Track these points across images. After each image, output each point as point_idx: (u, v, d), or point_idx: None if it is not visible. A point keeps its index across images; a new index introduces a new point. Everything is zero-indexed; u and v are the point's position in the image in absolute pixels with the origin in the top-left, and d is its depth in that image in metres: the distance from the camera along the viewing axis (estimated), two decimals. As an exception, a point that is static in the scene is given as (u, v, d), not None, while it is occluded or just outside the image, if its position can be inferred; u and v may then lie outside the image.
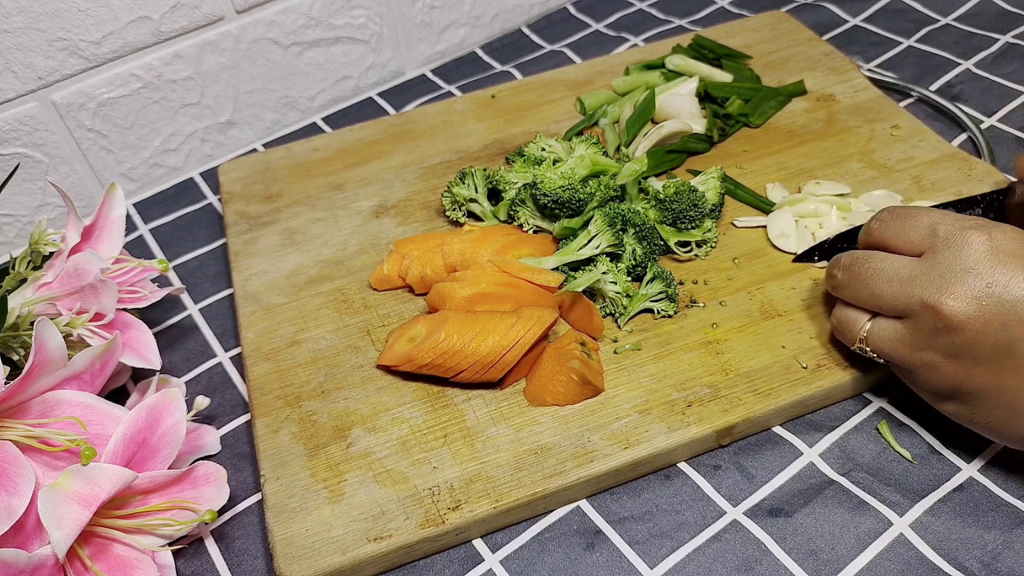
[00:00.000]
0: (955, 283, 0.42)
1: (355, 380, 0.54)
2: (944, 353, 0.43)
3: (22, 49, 0.63)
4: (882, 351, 0.46)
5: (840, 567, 0.45)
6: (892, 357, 0.46)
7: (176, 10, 0.68)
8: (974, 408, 0.44)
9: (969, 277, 0.41)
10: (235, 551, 0.49)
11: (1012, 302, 0.40)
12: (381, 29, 0.80)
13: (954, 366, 0.43)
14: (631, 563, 0.46)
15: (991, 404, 0.43)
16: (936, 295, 0.42)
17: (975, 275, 0.41)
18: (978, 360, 0.42)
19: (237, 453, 0.54)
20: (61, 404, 0.45)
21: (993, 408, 0.43)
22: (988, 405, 0.43)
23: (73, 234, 0.53)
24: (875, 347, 0.46)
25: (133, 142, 0.72)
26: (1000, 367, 0.41)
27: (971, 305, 0.41)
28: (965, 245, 0.42)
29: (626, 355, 0.53)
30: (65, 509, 0.41)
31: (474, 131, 0.72)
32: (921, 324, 0.43)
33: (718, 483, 0.49)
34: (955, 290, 0.42)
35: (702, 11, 0.89)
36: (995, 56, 0.76)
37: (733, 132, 0.69)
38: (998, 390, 0.42)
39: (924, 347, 0.44)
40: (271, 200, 0.67)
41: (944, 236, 0.43)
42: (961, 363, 0.43)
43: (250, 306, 0.59)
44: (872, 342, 0.46)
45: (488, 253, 0.57)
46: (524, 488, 0.47)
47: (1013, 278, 0.41)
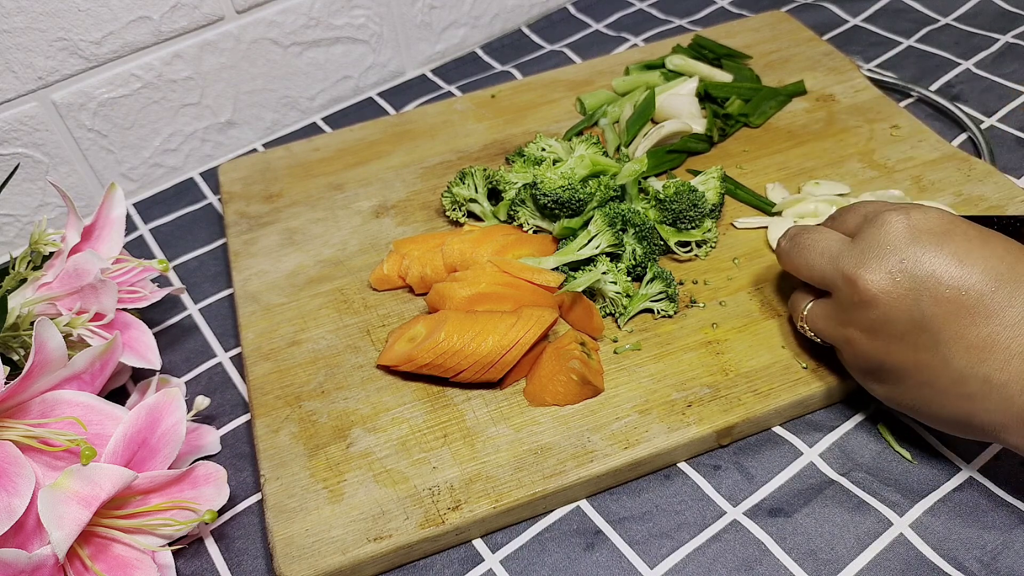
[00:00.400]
0: (872, 258, 0.43)
1: (355, 380, 0.54)
2: (864, 329, 0.44)
3: (22, 49, 0.63)
4: (816, 328, 0.48)
5: (840, 567, 0.45)
6: (823, 334, 0.48)
7: (176, 10, 0.68)
8: (899, 388, 0.45)
9: (884, 252, 0.43)
10: (235, 551, 0.49)
11: (922, 277, 0.42)
12: (381, 29, 0.80)
13: (874, 343, 0.44)
14: (631, 563, 0.46)
15: (912, 382, 0.44)
16: (854, 268, 0.44)
17: (890, 251, 0.43)
18: (894, 336, 0.43)
19: (237, 453, 0.54)
20: (61, 404, 0.45)
21: (914, 387, 0.44)
22: (909, 383, 0.44)
23: (73, 234, 0.53)
24: (811, 324, 0.49)
25: (133, 142, 0.72)
26: (915, 343, 0.42)
27: (884, 279, 0.42)
28: (885, 223, 0.44)
29: (626, 355, 0.53)
30: (65, 509, 0.41)
31: (474, 131, 0.72)
32: (842, 298, 0.45)
33: (718, 483, 0.49)
34: (871, 264, 0.43)
35: (702, 11, 0.89)
36: (995, 56, 0.76)
37: (733, 132, 0.69)
38: (916, 367, 0.43)
39: (846, 323, 0.45)
40: (271, 200, 0.67)
41: (870, 217, 0.45)
42: (880, 339, 0.44)
43: (250, 306, 0.59)
44: (809, 320, 0.49)
45: (488, 253, 0.57)
46: (524, 488, 0.47)
47: (925, 254, 0.42)
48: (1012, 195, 0.60)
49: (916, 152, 0.65)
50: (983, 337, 0.41)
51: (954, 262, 0.41)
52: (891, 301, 0.42)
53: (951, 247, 0.42)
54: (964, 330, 0.41)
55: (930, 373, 0.42)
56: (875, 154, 0.65)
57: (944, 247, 0.42)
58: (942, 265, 0.41)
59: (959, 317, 0.41)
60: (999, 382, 0.40)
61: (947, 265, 0.41)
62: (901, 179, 0.63)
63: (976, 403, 0.41)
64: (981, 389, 0.41)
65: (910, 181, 0.63)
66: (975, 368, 0.41)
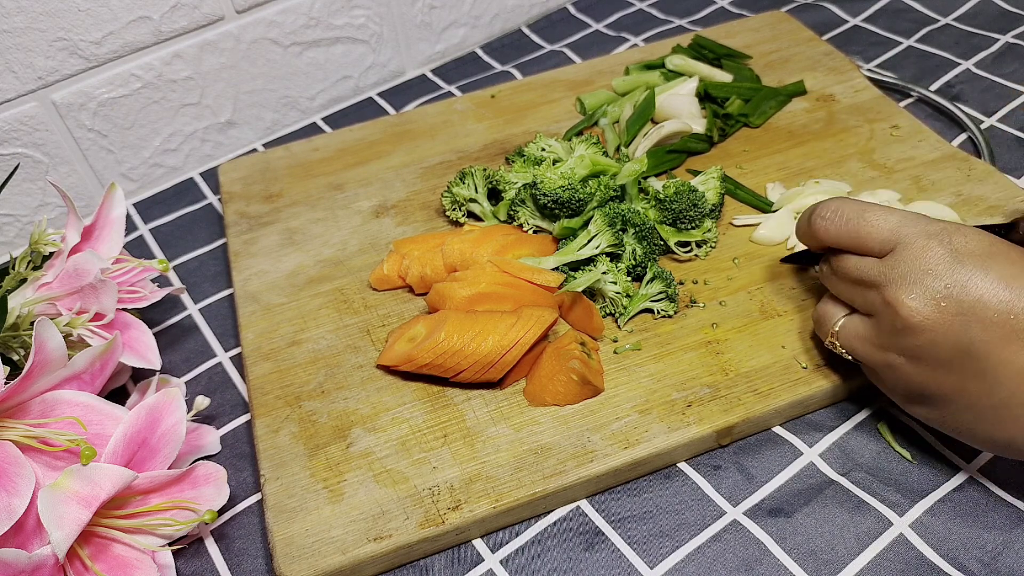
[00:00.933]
0: (914, 283, 0.42)
1: (355, 380, 0.54)
2: (907, 355, 0.43)
3: (22, 49, 0.63)
4: (850, 347, 0.46)
5: (840, 567, 0.45)
6: (859, 355, 0.46)
7: (176, 10, 0.68)
8: (942, 412, 0.44)
9: (928, 278, 0.41)
10: (235, 551, 0.49)
11: (970, 303, 0.40)
12: (381, 29, 0.80)
13: (917, 368, 0.43)
14: (631, 563, 0.46)
15: (956, 407, 0.42)
16: (895, 293, 0.42)
17: (934, 276, 0.41)
18: (939, 363, 0.42)
19: (237, 453, 0.54)
20: (61, 404, 0.45)
21: (958, 411, 0.43)
22: (953, 408, 0.43)
23: (73, 234, 0.53)
24: (844, 343, 0.47)
25: (133, 142, 0.72)
26: (961, 370, 0.41)
27: (929, 306, 0.41)
28: (926, 248, 0.42)
29: (626, 355, 0.53)
30: (65, 509, 0.41)
31: (474, 131, 0.72)
32: (884, 323, 0.43)
33: (718, 483, 0.49)
34: (914, 290, 0.41)
35: (702, 11, 0.89)
36: (995, 56, 0.76)
37: (733, 132, 0.69)
38: (961, 393, 0.42)
39: (887, 347, 0.44)
40: (271, 200, 0.67)
41: (906, 236, 0.43)
42: (923, 366, 0.42)
43: (250, 306, 0.59)
44: (841, 337, 0.47)
45: (488, 253, 0.57)
46: (524, 488, 0.47)
47: (971, 279, 0.40)
48: (1012, 195, 0.60)
49: (916, 152, 0.65)
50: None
51: (1001, 285, 0.40)
52: (937, 328, 0.41)
53: (996, 270, 0.40)
54: (1014, 356, 0.40)
55: (975, 398, 0.41)
56: (875, 154, 0.65)
57: (990, 270, 0.40)
58: (989, 289, 0.40)
59: (1009, 342, 0.40)
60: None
61: (994, 289, 0.40)
62: (901, 179, 0.63)
63: (1021, 427, 0.41)
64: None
65: (910, 181, 0.63)
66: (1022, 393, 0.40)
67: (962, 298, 0.40)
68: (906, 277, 0.42)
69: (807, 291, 0.56)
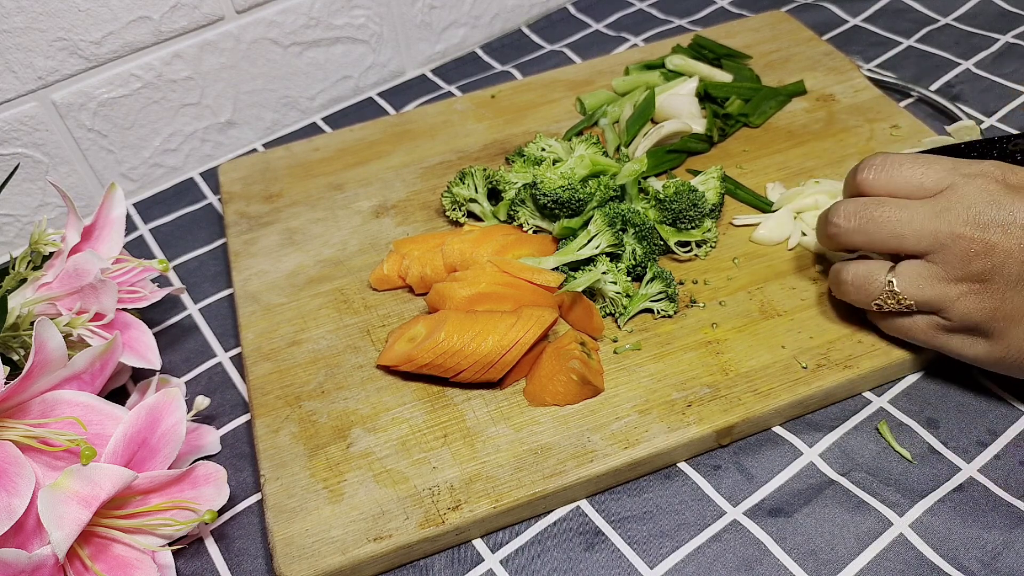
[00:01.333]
0: (978, 214, 0.45)
1: (355, 380, 0.54)
2: (977, 279, 0.46)
3: (22, 49, 0.63)
4: (915, 294, 0.48)
5: (840, 567, 0.45)
6: (926, 296, 0.47)
7: (176, 10, 0.68)
8: (1007, 339, 0.46)
9: (989, 208, 0.45)
10: (235, 551, 0.49)
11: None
12: (381, 29, 0.80)
13: (988, 290, 0.46)
14: (631, 563, 0.46)
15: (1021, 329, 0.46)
16: (963, 226, 0.46)
17: (995, 206, 0.45)
18: (1009, 283, 0.45)
19: (237, 453, 0.54)
20: (61, 404, 0.45)
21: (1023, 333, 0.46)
22: (1020, 330, 0.46)
23: (73, 234, 0.53)
24: (907, 291, 0.48)
25: (133, 142, 0.72)
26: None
27: (998, 232, 0.45)
28: (983, 184, 0.46)
29: (626, 355, 0.53)
30: (65, 509, 0.41)
31: (474, 131, 0.72)
32: (950, 256, 0.46)
33: (718, 483, 0.49)
34: (980, 219, 0.45)
35: (702, 11, 0.89)
36: (995, 56, 0.76)
37: (733, 132, 0.69)
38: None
39: (958, 278, 0.46)
40: (271, 200, 0.67)
41: (963, 175, 0.47)
42: (994, 287, 0.45)
43: (250, 306, 0.59)
44: (903, 287, 0.48)
45: (488, 253, 0.57)
46: (524, 488, 0.47)
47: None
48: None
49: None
50: None
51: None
52: (1005, 249, 0.45)
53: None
54: None
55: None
56: (875, 154, 0.65)
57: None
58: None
59: None
60: None
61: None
62: (901, 179, 0.63)
63: None
64: None
65: (910, 181, 0.63)
66: None
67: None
68: (970, 209, 0.46)
69: (807, 291, 0.56)
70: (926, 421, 0.51)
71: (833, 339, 0.53)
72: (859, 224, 0.49)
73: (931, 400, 0.52)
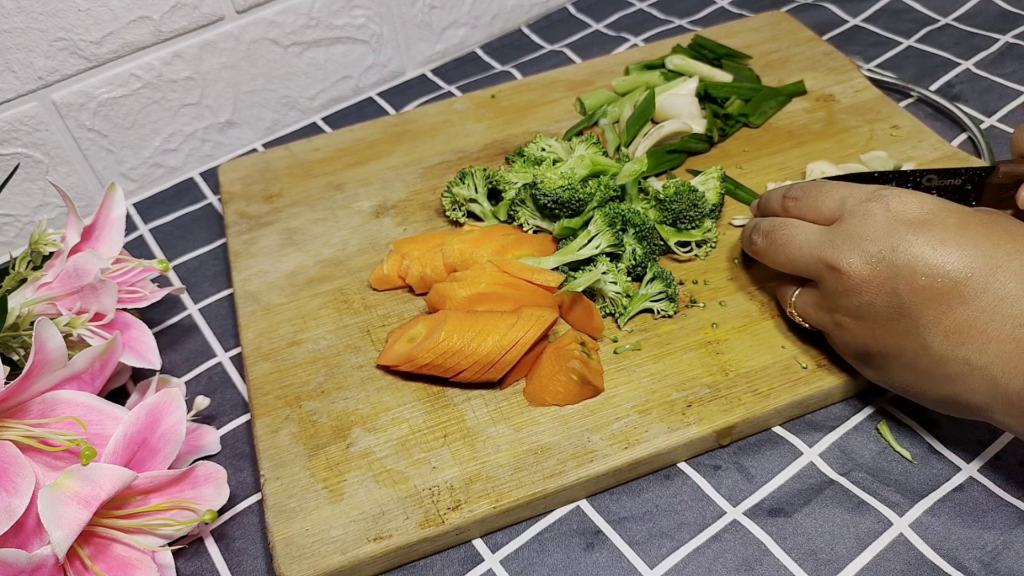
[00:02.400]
0: (853, 248, 0.45)
1: (355, 380, 0.54)
2: (850, 314, 0.46)
3: (22, 49, 0.63)
4: (805, 315, 0.50)
5: (840, 567, 0.45)
6: (812, 320, 0.50)
7: (176, 10, 0.68)
8: (887, 371, 0.46)
9: (865, 243, 0.44)
10: (235, 551, 0.49)
11: (899, 265, 0.43)
12: (381, 29, 0.80)
13: (861, 328, 0.46)
14: (631, 563, 0.46)
15: (898, 365, 0.45)
16: (836, 257, 0.45)
17: (871, 241, 0.44)
18: (878, 322, 0.45)
19: (237, 453, 0.54)
20: (61, 404, 0.45)
21: (900, 369, 0.45)
22: (896, 367, 0.45)
23: (73, 234, 0.53)
24: (800, 312, 0.50)
25: (133, 142, 0.72)
26: (897, 328, 0.44)
27: (865, 267, 0.44)
28: (867, 214, 0.45)
29: (626, 355, 0.53)
30: (65, 509, 0.41)
31: (474, 131, 0.72)
32: (827, 287, 0.47)
33: (718, 483, 0.49)
34: (853, 254, 0.45)
35: (702, 11, 0.89)
36: (995, 56, 0.76)
37: (733, 132, 0.69)
38: (899, 351, 0.44)
39: (833, 309, 0.47)
40: (271, 200, 0.67)
41: (850, 207, 0.46)
42: (865, 324, 0.45)
43: (250, 306, 0.59)
44: (797, 307, 0.51)
45: (488, 253, 0.57)
46: (524, 488, 0.47)
47: (902, 243, 0.43)
48: (1012, 195, 0.60)
49: (916, 152, 0.65)
50: (960, 322, 0.42)
51: (929, 250, 0.42)
52: (872, 288, 0.44)
53: (928, 235, 0.43)
54: (941, 316, 0.42)
55: (913, 357, 0.44)
56: (875, 154, 0.65)
57: (921, 235, 0.43)
58: (919, 253, 0.43)
59: (935, 303, 0.42)
60: (979, 365, 0.41)
61: (923, 253, 0.43)
62: (901, 179, 0.63)
63: (959, 384, 0.43)
64: (962, 371, 0.42)
65: (910, 181, 0.63)
66: (954, 351, 0.42)
67: (893, 260, 0.43)
68: (847, 242, 0.45)
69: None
70: (926, 421, 0.51)
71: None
72: (767, 244, 0.51)
73: (931, 400, 0.52)
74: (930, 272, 0.42)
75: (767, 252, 0.51)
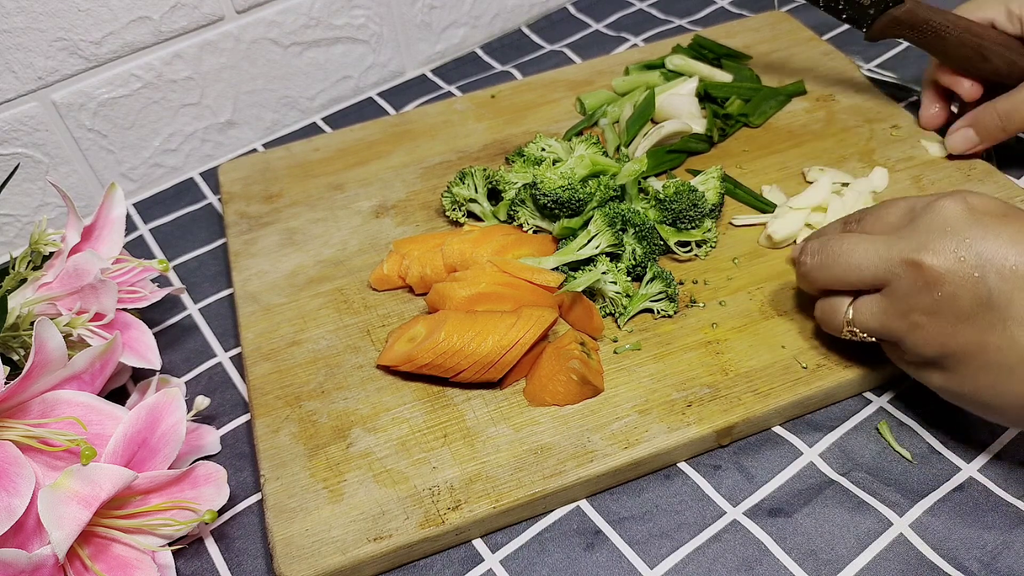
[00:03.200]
0: (934, 241, 0.43)
1: (355, 380, 0.54)
2: (927, 312, 0.44)
3: (22, 49, 0.63)
4: (869, 327, 0.47)
5: (840, 567, 0.45)
6: (880, 330, 0.47)
7: (176, 10, 0.68)
8: (961, 375, 0.44)
9: (947, 235, 0.43)
10: (235, 551, 0.49)
11: (988, 255, 0.42)
12: (381, 29, 0.80)
13: (938, 324, 0.44)
14: (631, 563, 0.46)
15: (975, 365, 0.43)
16: (916, 253, 0.44)
17: (952, 233, 0.43)
18: (959, 316, 0.43)
19: (237, 453, 0.54)
20: (61, 404, 0.45)
21: (978, 370, 0.43)
22: (973, 367, 0.43)
23: (73, 234, 0.53)
24: (862, 325, 0.47)
25: (133, 142, 0.72)
26: (981, 323, 0.42)
27: (950, 259, 0.43)
28: (941, 209, 0.44)
29: (626, 355, 0.53)
30: (65, 509, 0.41)
31: (474, 131, 0.72)
32: (902, 287, 0.44)
33: (718, 483, 0.49)
34: (934, 247, 0.43)
35: (702, 11, 0.89)
36: (995, 56, 0.76)
37: (733, 132, 0.69)
38: (981, 348, 0.43)
39: (908, 310, 0.44)
40: (271, 200, 0.67)
41: (922, 207, 0.46)
42: (944, 320, 0.43)
43: (250, 306, 0.59)
44: (858, 321, 0.47)
45: (488, 253, 0.57)
46: (524, 488, 0.47)
47: (988, 233, 0.42)
48: (1012, 195, 0.60)
49: (916, 152, 0.65)
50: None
51: (1019, 240, 0.42)
52: (957, 279, 0.42)
53: (1013, 227, 0.42)
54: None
55: (995, 354, 0.42)
56: (875, 154, 0.65)
57: (1007, 227, 0.42)
58: (1006, 243, 0.42)
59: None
60: None
61: (1011, 243, 0.42)
62: (901, 179, 0.63)
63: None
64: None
65: (910, 181, 0.63)
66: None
67: (980, 251, 0.42)
68: (925, 236, 0.44)
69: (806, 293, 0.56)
70: (926, 421, 0.51)
71: (833, 339, 0.53)
72: (821, 260, 0.48)
73: (931, 400, 0.52)
74: (1021, 261, 0.41)
75: (821, 267, 0.48)
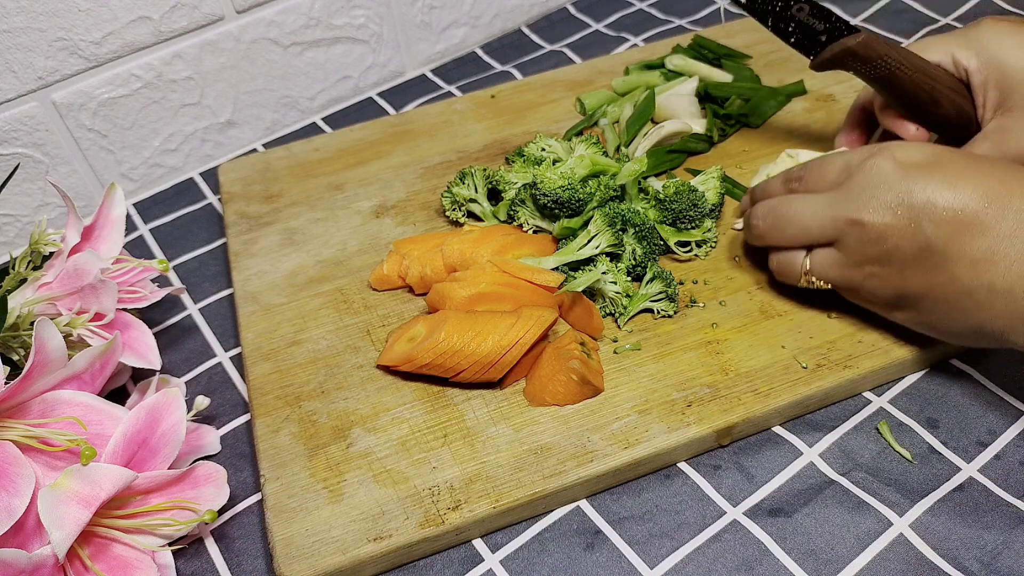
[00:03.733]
0: (869, 199, 0.47)
1: (355, 380, 0.54)
2: (878, 261, 0.48)
3: (22, 49, 0.63)
4: (827, 277, 0.51)
5: (840, 567, 0.45)
6: (837, 280, 0.50)
7: (176, 10, 0.68)
8: (919, 311, 0.48)
9: (880, 192, 0.47)
10: (235, 551, 0.49)
11: (920, 205, 0.45)
12: (381, 29, 0.80)
13: (889, 272, 0.48)
14: (631, 563, 0.46)
15: (928, 303, 0.47)
16: (857, 212, 0.47)
17: (885, 189, 0.46)
18: (906, 263, 0.47)
19: (237, 453, 0.54)
20: (61, 404, 0.45)
21: (930, 306, 0.47)
22: (926, 304, 0.47)
23: (73, 234, 0.53)
24: (819, 275, 0.51)
25: (133, 142, 0.72)
26: (926, 266, 0.46)
27: (887, 215, 0.46)
28: (873, 167, 0.47)
29: (626, 355, 0.53)
30: (65, 509, 0.41)
31: (474, 131, 0.72)
32: (851, 242, 0.48)
33: (718, 483, 0.49)
34: (871, 205, 0.47)
35: (702, 11, 0.89)
36: (995, 56, 0.76)
37: (733, 132, 0.69)
38: (929, 288, 0.46)
39: (861, 262, 0.48)
40: (271, 200, 0.67)
41: (855, 165, 0.49)
42: (894, 269, 0.47)
43: (250, 306, 0.59)
44: (816, 272, 0.51)
45: (488, 253, 0.57)
46: (524, 488, 0.47)
47: (916, 184, 0.46)
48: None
49: (916, 152, 0.65)
50: (983, 250, 0.44)
51: (946, 186, 0.45)
52: (897, 232, 0.46)
53: (940, 174, 0.45)
54: (965, 246, 0.44)
55: (942, 291, 0.46)
56: (875, 154, 0.65)
57: (934, 175, 0.45)
58: (935, 191, 0.45)
59: (959, 235, 0.44)
60: (1003, 289, 0.44)
61: (940, 190, 0.45)
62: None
63: (984, 312, 0.45)
64: (988, 298, 0.44)
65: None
66: (980, 279, 0.44)
67: (912, 203, 0.46)
68: (861, 195, 0.47)
69: (807, 291, 0.56)
70: (926, 421, 0.51)
71: (833, 339, 0.53)
72: (773, 222, 0.52)
73: (931, 400, 0.52)
74: (950, 206, 0.44)
75: (773, 230, 0.52)
